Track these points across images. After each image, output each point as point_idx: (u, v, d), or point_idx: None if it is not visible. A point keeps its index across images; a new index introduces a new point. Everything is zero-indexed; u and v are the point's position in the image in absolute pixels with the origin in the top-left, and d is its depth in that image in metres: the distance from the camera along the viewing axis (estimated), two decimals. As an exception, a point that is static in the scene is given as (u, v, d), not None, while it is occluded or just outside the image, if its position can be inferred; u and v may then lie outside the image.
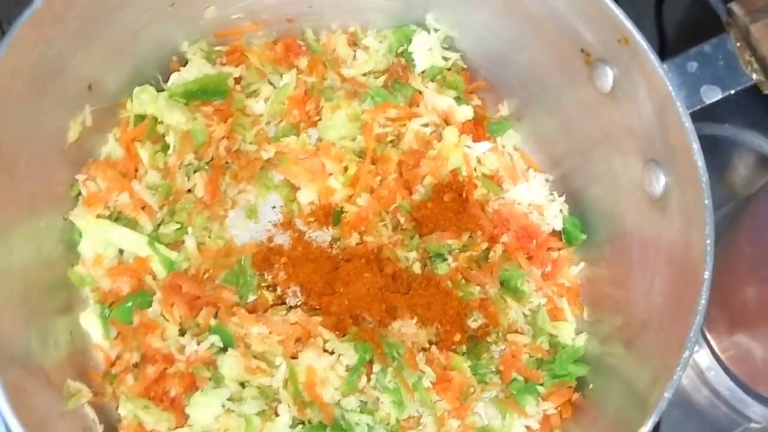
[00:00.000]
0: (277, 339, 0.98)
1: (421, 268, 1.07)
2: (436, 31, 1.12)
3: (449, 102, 1.11)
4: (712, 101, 0.85)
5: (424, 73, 1.14)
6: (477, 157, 1.12)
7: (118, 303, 1.01)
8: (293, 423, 0.96)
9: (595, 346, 1.04)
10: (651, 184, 0.90)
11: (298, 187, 1.12)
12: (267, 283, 1.07)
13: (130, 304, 1.01)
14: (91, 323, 1.02)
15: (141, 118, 1.07)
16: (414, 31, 1.13)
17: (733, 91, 0.85)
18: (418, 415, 0.99)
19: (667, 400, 0.74)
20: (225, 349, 0.97)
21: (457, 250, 1.07)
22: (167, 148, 1.07)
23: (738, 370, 1.15)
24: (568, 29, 0.95)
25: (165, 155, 1.07)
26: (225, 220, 1.10)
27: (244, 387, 0.96)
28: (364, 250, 1.07)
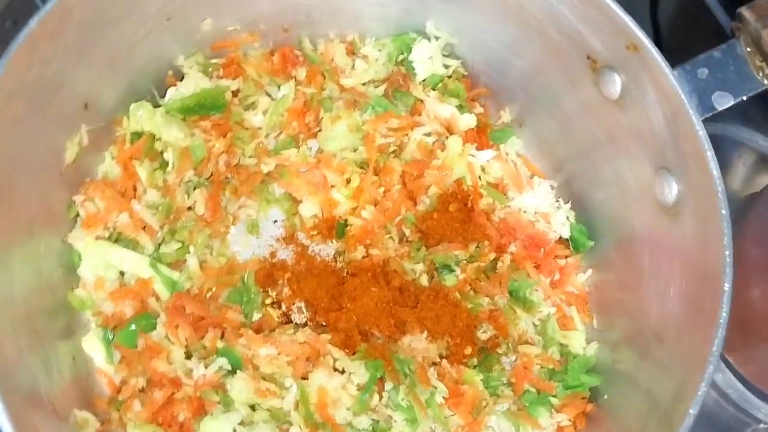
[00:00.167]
0: (286, 360, 0.96)
1: (429, 280, 1.05)
2: (437, 38, 1.10)
3: (452, 110, 1.10)
4: (724, 108, 0.84)
5: (424, 81, 1.13)
6: (481, 165, 1.10)
7: (121, 327, 0.98)
8: (305, 445, 0.94)
9: (607, 354, 1.03)
10: (663, 191, 0.89)
11: (299, 201, 1.10)
12: (271, 300, 1.06)
13: (133, 328, 0.98)
14: (93, 347, 0.99)
15: (137, 135, 1.04)
16: (414, 39, 1.11)
17: (745, 98, 0.84)
18: (431, 431, 0.98)
19: (692, 416, 0.73)
20: (233, 372, 0.95)
21: (465, 261, 1.06)
22: (166, 165, 1.05)
23: (745, 372, 1.15)
24: (573, 35, 0.94)
25: (164, 173, 1.04)
26: (226, 237, 1.08)
27: (255, 410, 0.94)
28: (370, 264, 1.05)
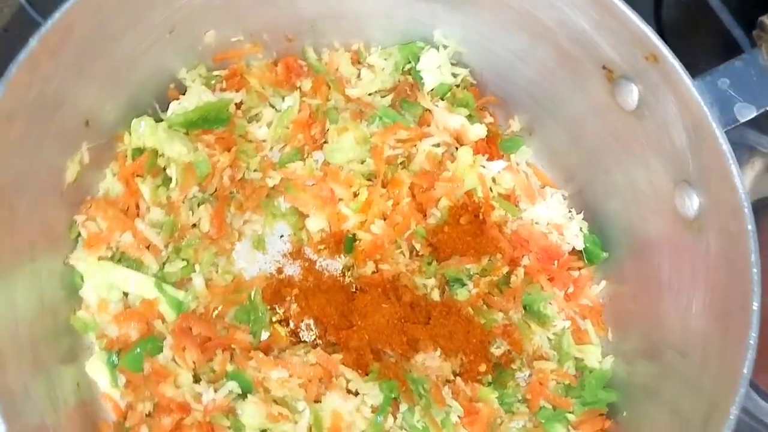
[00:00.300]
0: (297, 382, 0.93)
1: (440, 295, 1.03)
2: (445, 47, 1.07)
3: (461, 121, 1.07)
4: (747, 119, 0.82)
5: (432, 91, 1.10)
6: (492, 177, 1.08)
7: (126, 350, 0.95)
8: (319, 470, 0.91)
9: (623, 368, 1.01)
10: (683, 204, 0.86)
11: (306, 215, 1.07)
12: (279, 318, 1.03)
13: (139, 351, 0.95)
14: (97, 371, 0.97)
15: (139, 151, 1.01)
16: (421, 48, 1.08)
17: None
18: (446, 451, 0.96)
19: (726, 439, 0.71)
20: (244, 396, 0.92)
21: (477, 275, 1.03)
22: (169, 181, 1.02)
23: (756, 378, 1.13)
24: (588, 45, 0.91)
25: (167, 189, 1.02)
26: (232, 254, 1.06)
27: (267, 435, 0.91)
28: (380, 279, 1.03)
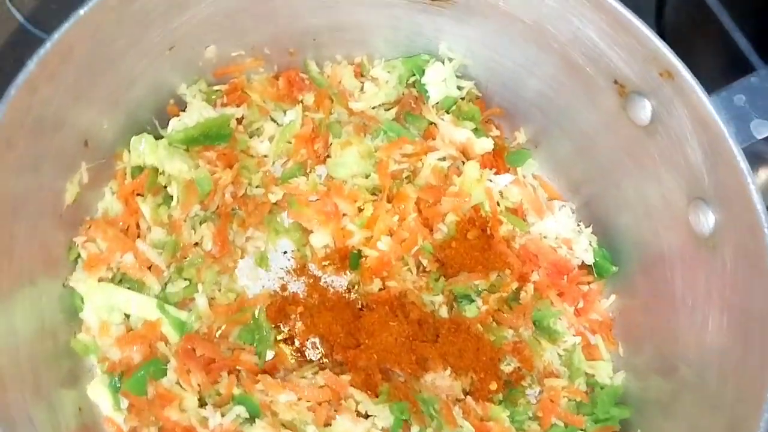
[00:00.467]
0: (306, 405, 0.91)
1: (448, 312, 1.01)
2: (450, 60, 1.05)
3: (467, 134, 1.05)
4: (764, 136, 0.80)
5: (437, 104, 1.08)
6: (499, 190, 1.06)
7: (129, 373, 0.93)
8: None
9: (635, 384, 1.00)
10: (698, 221, 0.85)
11: (310, 231, 1.05)
12: (284, 336, 1.01)
13: (142, 374, 0.93)
14: (99, 395, 0.95)
15: (138, 169, 0.99)
16: (426, 61, 1.06)
17: (785, 125, 0.81)
18: (458, 472, 0.94)
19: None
20: (251, 420, 0.90)
21: (486, 291, 1.02)
22: (169, 200, 1.00)
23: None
24: (599, 60, 0.89)
25: (168, 208, 0.99)
26: (234, 271, 1.04)
27: (276, 461, 0.89)
28: (387, 296, 1.01)
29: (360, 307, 1.02)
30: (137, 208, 0.98)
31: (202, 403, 0.93)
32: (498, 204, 1.05)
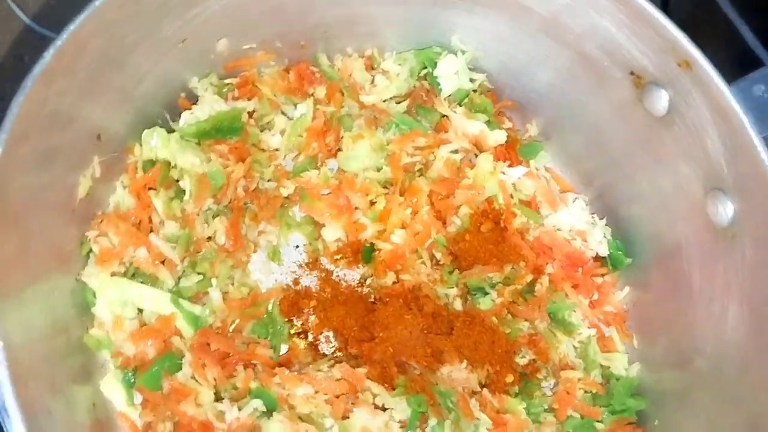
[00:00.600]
0: (323, 398, 0.90)
1: (462, 305, 1.01)
2: (463, 52, 1.05)
3: (480, 127, 1.05)
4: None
5: (450, 96, 1.08)
6: (512, 183, 1.05)
7: (143, 368, 0.92)
8: (348, 489, 0.89)
9: (650, 375, 1.00)
10: (716, 212, 0.85)
11: (322, 224, 1.05)
12: (297, 330, 1.01)
13: (157, 369, 0.92)
14: (113, 390, 0.94)
15: (150, 162, 0.98)
16: (438, 54, 1.06)
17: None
18: (475, 463, 0.94)
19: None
20: (269, 413, 0.89)
21: (500, 284, 1.01)
22: (182, 194, 0.99)
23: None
24: (615, 51, 0.89)
25: (180, 202, 0.98)
26: (247, 266, 1.03)
27: (294, 454, 0.89)
28: (400, 290, 1.00)
29: (373, 300, 1.02)
30: (149, 202, 0.98)
31: (218, 398, 0.92)
32: (511, 196, 1.05)
